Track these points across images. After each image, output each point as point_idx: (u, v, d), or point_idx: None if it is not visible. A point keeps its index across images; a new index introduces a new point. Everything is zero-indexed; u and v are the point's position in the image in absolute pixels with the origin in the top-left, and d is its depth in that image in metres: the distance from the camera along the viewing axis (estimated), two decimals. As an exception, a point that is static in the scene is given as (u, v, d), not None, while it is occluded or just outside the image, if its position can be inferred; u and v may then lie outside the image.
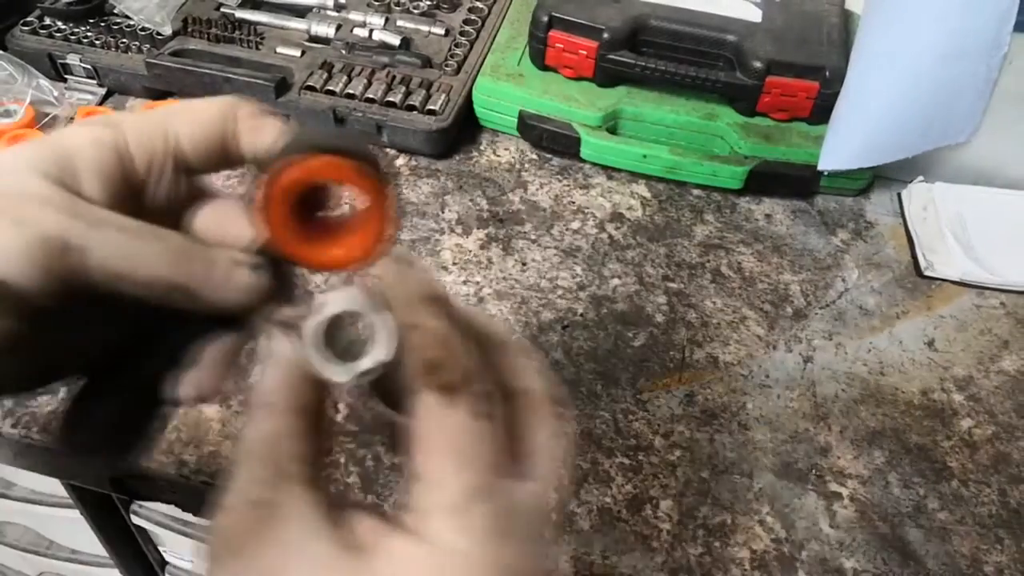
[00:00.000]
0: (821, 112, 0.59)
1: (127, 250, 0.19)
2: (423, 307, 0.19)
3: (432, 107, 0.61)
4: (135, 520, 0.61)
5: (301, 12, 0.68)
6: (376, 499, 0.41)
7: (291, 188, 0.19)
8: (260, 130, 0.22)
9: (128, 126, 0.21)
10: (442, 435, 0.18)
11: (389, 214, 0.20)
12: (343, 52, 0.64)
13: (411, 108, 0.61)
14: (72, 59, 0.63)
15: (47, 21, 0.66)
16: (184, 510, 0.45)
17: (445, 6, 0.70)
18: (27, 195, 0.19)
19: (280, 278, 0.22)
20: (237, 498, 0.18)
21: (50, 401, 0.45)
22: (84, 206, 0.19)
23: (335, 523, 0.18)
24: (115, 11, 0.66)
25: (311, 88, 0.61)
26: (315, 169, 0.19)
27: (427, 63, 0.64)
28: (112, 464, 0.22)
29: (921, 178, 0.62)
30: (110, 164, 0.21)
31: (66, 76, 0.65)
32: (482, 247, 0.56)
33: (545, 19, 0.60)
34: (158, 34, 0.65)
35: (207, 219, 0.23)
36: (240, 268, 0.20)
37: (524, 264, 0.55)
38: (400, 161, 0.62)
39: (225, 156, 0.23)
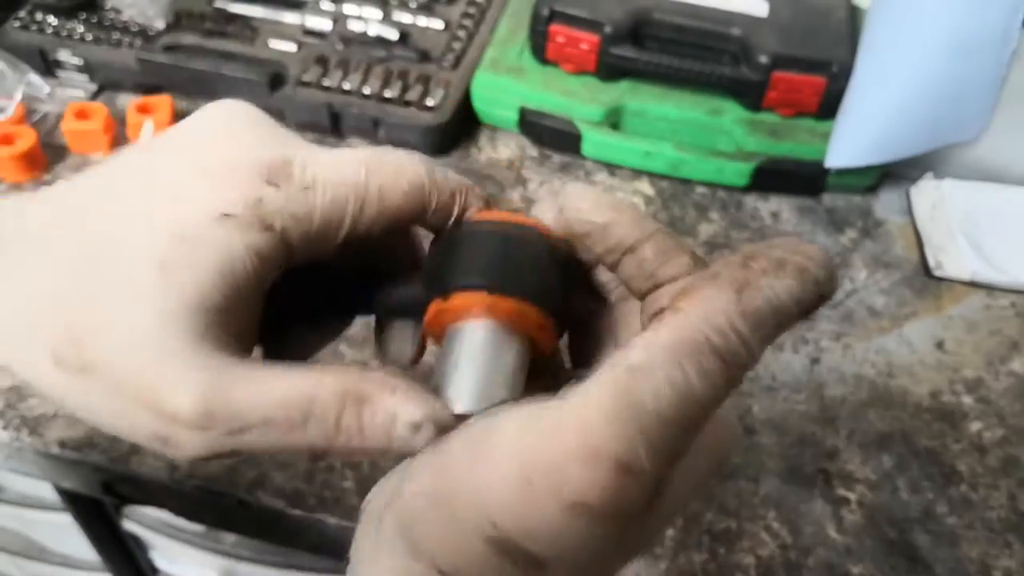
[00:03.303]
0: (828, 108, 0.58)
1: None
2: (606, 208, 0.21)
3: (430, 102, 0.59)
4: (126, 525, 0.60)
5: (296, 5, 0.67)
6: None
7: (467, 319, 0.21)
8: (449, 209, 0.22)
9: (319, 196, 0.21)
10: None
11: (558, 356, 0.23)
12: (339, 46, 0.63)
13: (408, 103, 0.60)
14: (63, 54, 0.62)
15: (38, 16, 0.65)
16: (176, 515, 0.44)
17: (443, -1, 0.69)
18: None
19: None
20: None
21: (41, 404, 0.44)
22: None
23: None
24: (107, 6, 0.65)
25: (306, 83, 0.60)
26: (500, 311, 0.21)
27: (425, 57, 0.63)
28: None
29: (930, 175, 0.61)
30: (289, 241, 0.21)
31: (57, 72, 0.64)
32: (481, 246, 0.55)
33: (546, 12, 0.59)
34: (150, 29, 0.64)
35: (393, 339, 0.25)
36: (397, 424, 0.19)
37: (524, 263, 0.54)
38: (398, 158, 0.61)
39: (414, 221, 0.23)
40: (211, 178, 0.20)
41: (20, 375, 0.19)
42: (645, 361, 0.17)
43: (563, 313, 0.22)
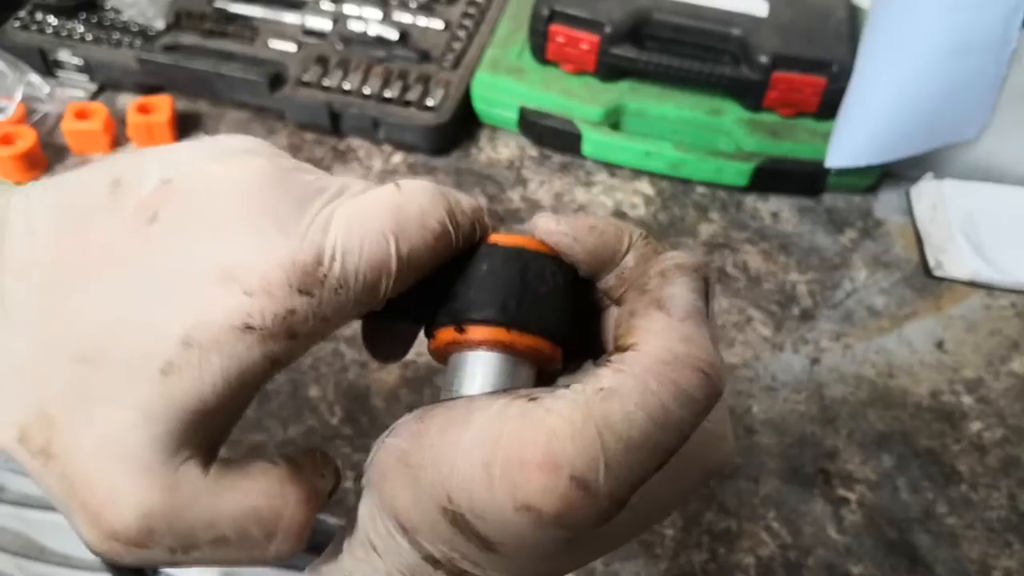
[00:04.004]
0: (828, 108, 0.58)
1: None
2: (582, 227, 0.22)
3: (430, 102, 0.59)
4: (128, 524, 0.60)
5: (296, 5, 0.67)
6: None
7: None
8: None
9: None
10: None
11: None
12: (339, 46, 0.63)
13: (408, 103, 0.59)
14: (63, 54, 0.62)
15: (38, 16, 0.65)
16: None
17: (444, -1, 0.69)
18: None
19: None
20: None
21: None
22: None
23: None
24: (107, 6, 0.65)
25: (306, 83, 0.60)
26: (515, 346, 0.21)
27: (425, 57, 0.63)
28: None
29: (930, 175, 0.61)
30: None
31: (57, 72, 0.64)
32: (481, 246, 0.55)
33: (546, 12, 0.59)
34: (150, 29, 0.64)
35: None
36: None
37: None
38: (397, 158, 0.61)
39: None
40: (236, 284, 0.18)
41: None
42: (617, 385, 0.18)
43: (573, 341, 0.22)
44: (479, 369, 0.21)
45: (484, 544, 0.19)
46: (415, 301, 0.22)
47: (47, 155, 0.58)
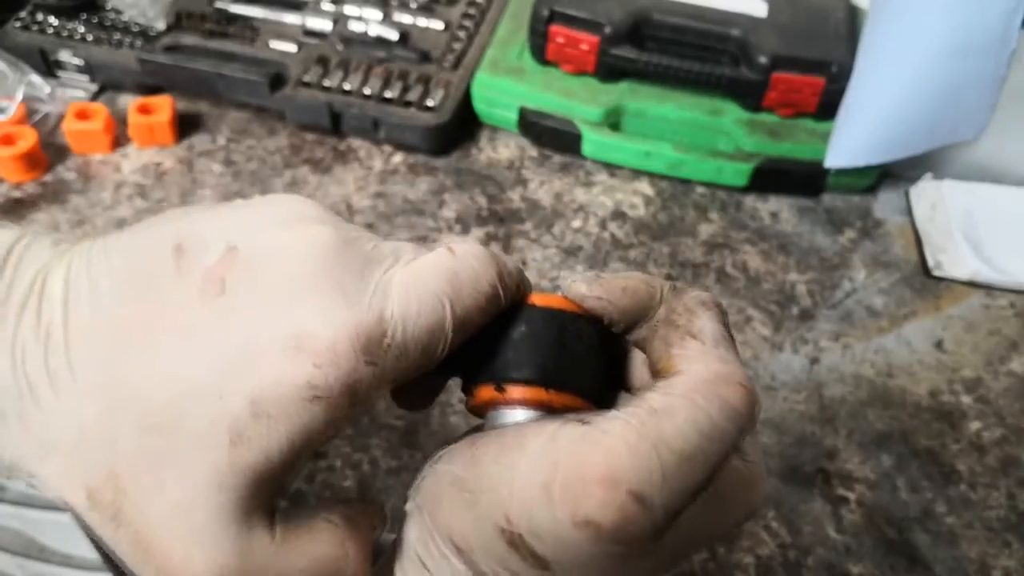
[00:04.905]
0: (827, 108, 0.58)
1: None
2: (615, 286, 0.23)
3: (430, 103, 0.60)
4: (129, 523, 0.60)
5: (296, 6, 0.67)
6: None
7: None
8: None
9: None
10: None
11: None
12: (339, 47, 0.63)
13: (409, 104, 0.60)
14: (64, 55, 0.62)
15: (39, 17, 0.65)
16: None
17: None
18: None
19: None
20: None
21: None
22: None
23: None
24: (107, 6, 0.65)
25: (306, 83, 0.60)
26: (552, 404, 0.22)
27: (425, 58, 0.63)
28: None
29: (930, 175, 0.61)
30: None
31: (58, 72, 0.64)
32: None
33: (546, 13, 0.59)
34: (151, 29, 0.64)
35: None
36: None
37: (524, 263, 0.54)
38: (397, 158, 0.61)
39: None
40: (304, 354, 0.19)
41: (52, 491, 0.19)
42: (666, 405, 0.20)
43: (606, 396, 0.23)
44: (516, 423, 0.22)
45: (539, 563, 0.19)
46: (454, 357, 0.22)
47: (48, 155, 0.58)
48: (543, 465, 0.19)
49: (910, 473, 0.45)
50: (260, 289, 0.19)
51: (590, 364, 0.23)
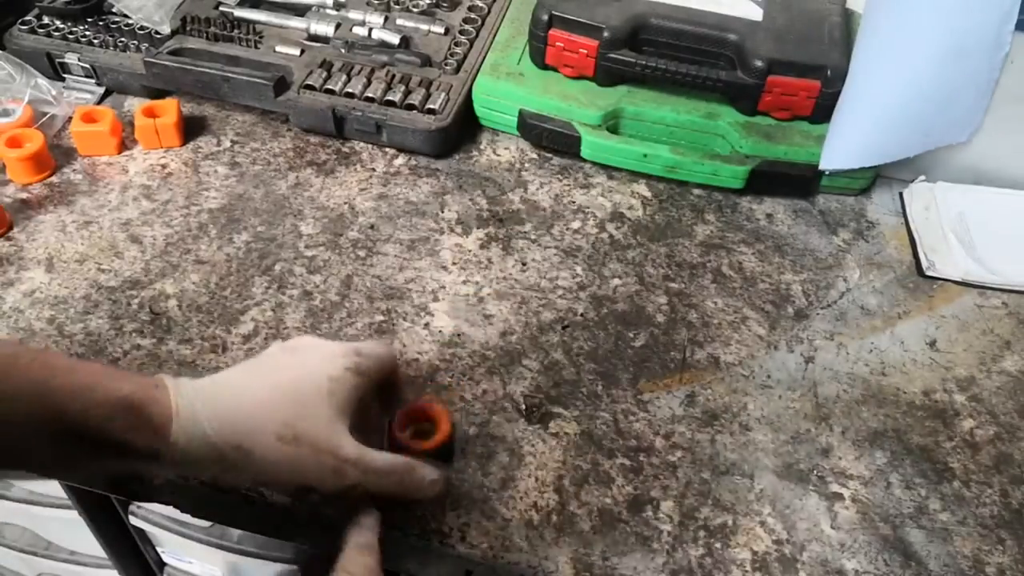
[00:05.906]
0: (822, 111, 0.59)
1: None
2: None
3: (432, 106, 0.60)
4: (133, 521, 0.61)
5: (300, 11, 0.68)
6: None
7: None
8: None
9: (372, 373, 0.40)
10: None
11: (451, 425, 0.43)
12: (342, 51, 0.64)
13: (411, 107, 0.60)
14: (70, 58, 0.63)
15: (45, 20, 0.66)
16: (182, 511, 0.45)
17: (445, 5, 0.70)
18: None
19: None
20: None
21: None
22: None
23: None
24: (113, 10, 0.66)
25: (310, 87, 0.61)
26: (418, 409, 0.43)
27: (427, 62, 0.64)
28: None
29: (923, 178, 0.61)
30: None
31: (64, 75, 0.65)
32: (482, 247, 0.56)
33: (545, 18, 0.60)
34: (157, 33, 0.64)
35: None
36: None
37: (524, 264, 0.55)
38: (400, 161, 0.62)
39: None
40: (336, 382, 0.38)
41: (246, 447, 0.34)
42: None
43: None
44: None
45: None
46: None
47: (55, 157, 0.59)
48: None
49: (904, 470, 0.45)
50: (309, 352, 0.40)
51: None
